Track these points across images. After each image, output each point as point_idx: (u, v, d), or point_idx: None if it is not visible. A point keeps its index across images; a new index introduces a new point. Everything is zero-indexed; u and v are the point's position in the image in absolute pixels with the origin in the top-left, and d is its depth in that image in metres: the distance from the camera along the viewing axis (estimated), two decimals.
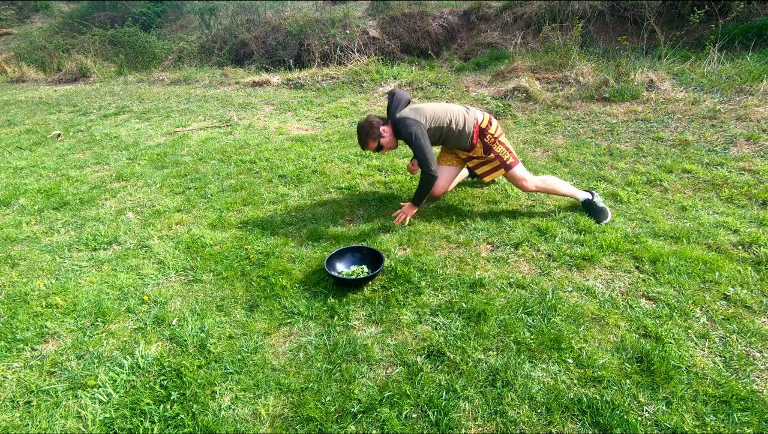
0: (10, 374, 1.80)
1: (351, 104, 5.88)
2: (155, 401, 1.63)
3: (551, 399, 1.56)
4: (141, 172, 3.93)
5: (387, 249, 2.52)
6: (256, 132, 4.96)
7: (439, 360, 1.76)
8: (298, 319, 2.01)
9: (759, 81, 4.70)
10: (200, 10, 11.85)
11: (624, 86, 5.00)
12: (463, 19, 9.80)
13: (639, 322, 1.90)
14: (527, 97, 5.33)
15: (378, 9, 10.17)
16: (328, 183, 3.45)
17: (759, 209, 2.73)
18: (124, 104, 6.92)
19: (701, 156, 3.50)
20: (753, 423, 1.46)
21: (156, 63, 10.90)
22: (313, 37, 9.52)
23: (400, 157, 3.91)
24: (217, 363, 1.79)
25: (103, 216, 3.14)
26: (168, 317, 2.07)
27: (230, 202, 3.20)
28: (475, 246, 2.52)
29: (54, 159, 4.49)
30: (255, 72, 8.72)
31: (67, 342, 1.95)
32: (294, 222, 2.90)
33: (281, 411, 1.58)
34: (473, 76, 6.93)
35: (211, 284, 2.31)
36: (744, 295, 2.02)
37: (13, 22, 15.53)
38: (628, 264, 2.29)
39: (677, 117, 4.33)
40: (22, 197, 3.55)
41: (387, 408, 1.56)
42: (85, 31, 12.73)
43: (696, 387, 1.59)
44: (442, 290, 2.17)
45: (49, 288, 2.34)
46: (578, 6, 8.20)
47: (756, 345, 1.77)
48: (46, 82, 10.32)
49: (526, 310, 1.99)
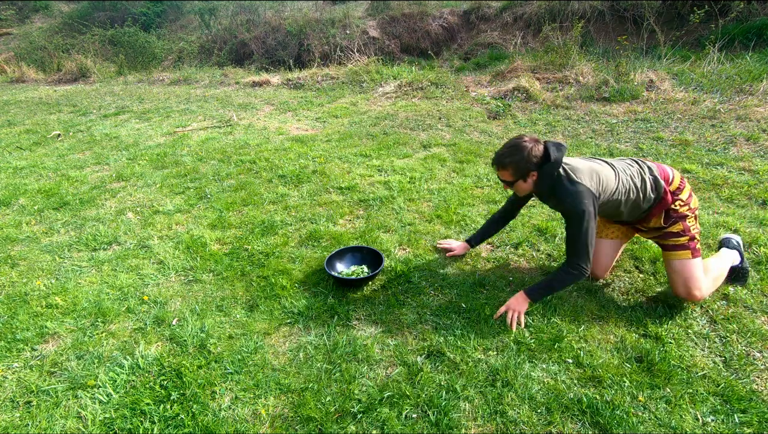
0: (10, 374, 1.80)
1: (351, 104, 5.88)
2: (155, 401, 1.63)
3: (551, 399, 1.56)
4: (141, 172, 3.93)
5: (387, 249, 2.52)
6: (256, 132, 4.96)
7: (439, 360, 1.76)
8: (298, 319, 2.01)
9: (759, 81, 4.70)
10: (200, 10, 11.85)
11: (624, 86, 5.00)
12: (463, 19, 9.80)
13: (639, 322, 1.90)
14: (527, 97, 5.34)
15: (378, 9, 10.17)
16: (328, 183, 3.45)
17: (759, 209, 2.73)
18: (124, 104, 6.92)
19: (701, 156, 3.50)
20: (753, 423, 1.46)
21: (156, 63, 10.89)
22: (313, 37, 9.53)
23: (400, 157, 3.91)
24: (217, 363, 1.79)
25: (103, 216, 3.14)
26: (168, 317, 2.07)
27: (230, 202, 3.20)
28: (484, 249, 2.52)
29: (54, 159, 4.48)
30: (255, 72, 8.72)
31: (67, 342, 1.95)
32: (294, 222, 2.90)
33: (281, 411, 1.58)
34: (473, 76, 6.93)
35: (211, 284, 2.31)
36: (744, 295, 2.02)
37: (13, 22, 15.52)
38: (628, 264, 2.29)
39: (677, 117, 4.33)
40: (22, 197, 3.55)
41: (387, 408, 1.56)
42: (85, 31, 12.72)
43: (696, 387, 1.59)
44: (442, 290, 2.17)
45: (49, 288, 2.34)
46: (578, 6, 8.20)
47: (756, 345, 1.77)
48: (46, 82, 10.32)
49: (526, 310, 1.99)
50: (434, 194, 3.16)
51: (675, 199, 1.89)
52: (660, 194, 1.88)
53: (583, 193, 1.78)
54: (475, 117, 4.93)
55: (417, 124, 4.82)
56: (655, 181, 1.89)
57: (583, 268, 1.83)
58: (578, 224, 1.79)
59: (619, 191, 1.86)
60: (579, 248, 1.81)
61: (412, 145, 4.17)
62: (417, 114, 5.16)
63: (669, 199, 1.88)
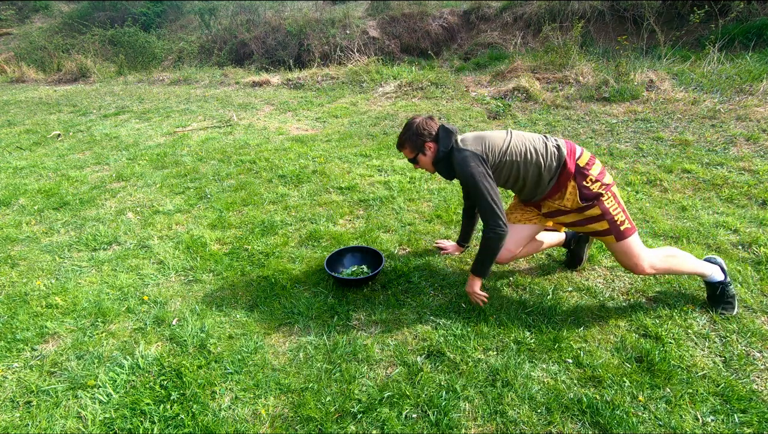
0: (10, 374, 1.80)
1: (351, 104, 5.88)
2: (155, 401, 1.63)
3: (551, 399, 1.56)
4: (141, 172, 3.93)
5: (387, 249, 2.52)
6: (256, 132, 4.96)
7: (439, 360, 1.76)
8: (298, 319, 2.01)
9: (759, 81, 4.70)
10: (200, 10, 11.85)
11: (624, 86, 5.00)
12: (463, 19, 9.80)
13: (639, 322, 1.90)
14: (527, 97, 5.34)
15: (378, 9, 10.17)
16: (328, 183, 3.45)
17: (759, 209, 2.73)
18: (124, 104, 6.92)
19: (701, 156, 3.50)
20: (753, 423, 1.46)
21: (156, 63, 10.89)
22: (313, 37, 9.53)
23: (400, 157, 3.91)
24: (217, 363, 1.79)
25: (103, 216, 3.14)
26: (168, 317, 2.07)
27: (230, 202, 3.20)
28: (475, 246, 2.52)
29: (54, 159, 4.48)
30: (255, 72, 8.72)
31: (67, 342, 1.95)
32: (294, 222, 2.90)
33: (281, 411, 1.58)
34: (473, 76, 6.93)
35: (211, 284, 2.31)
36: (744, 295, 2.02)
37: (13, 22, 15.52)
38: None
39: (677, 117, 4.33)
40: (22, 197, 3.55)
41: (387, 408, 1.56)
42: (85, 31, 12.73)
43: (696, 387, 1.59)
44: (442, 290, 2.17)
45: (49, 288, 2.34)
46: (578, 6, 8.20)
47: (756, 345, 1.77)
48: (46, 82, 10.32)
49: (526, 310, 1.99)
50: (434, 194, 3.16)
51: (585, 174, 1.83)
52: (561, 162, 1.85)
53: (469, 156, 1.86)
54: (475, 117, 4.93)
55: None
56: (558, 150, 1.88)
57: (497, 226, 1.83)
58: (474, 186, 1.84)
59: (512, 152, 1.88)
60: (485, 209, 1.84)
61: None
62: (417, 114, 5.16)
63: (571, 168, 1.84)
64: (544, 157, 1.87)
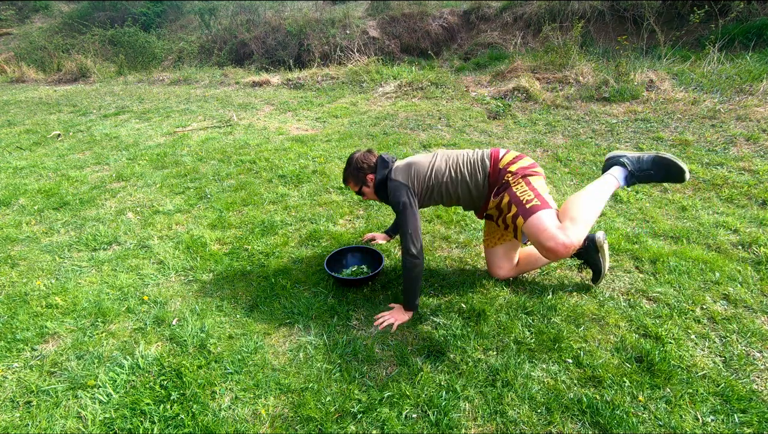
0: (10, 374, 1.80)
1: (351, 104, 5.88)
2: (155, 401, 1.63)
3: (551, 399, 1.56)
4: (141, 172, 3.93)
5: (387, 249, 2.52)
6: (256, 132, 4.96)
7: (439, 360, 1.76)
8: (298, 319, 2.01)
9: (759, 81, 4.70)
10: (200, 10, 11.85)
11: (624, 86, 5.00)
12: (463, 19, 9.80)
13: (639, 322, 1.90)
14: (527, 97, 5.34)
15: (378, 9, 10.17)
16: (328, 183, 3.45)
17: (759, 209, 2.73)
18: (124, 104, 6.92)
19: (701, 156, 3.50)
20: (753, 423, 1.46)
21: (156, 63, 10.90)
22: (313, 37, 9.53)
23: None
24: (217, 363, 1.79)
25: (103, 216, 3.14)
26: (168, 317, 2.07)
27: (230, 202, 3.20)
28: (475, 246, 2.52)
29: (54, 159, 4.48)
30: (255, 72, 8.72)
31: (67, 342, 1.95)
32: (294, 222, 2.90)
33: (281, 411, 1.58)
34: (473, 76, 6.93)
35: (211, 284, 2.31)
36: (744, 295, 2.02)
37: (13, 22, 15.52)
38: (628, 264, 2.29)
39: (677, 117, 4.33)
40: (22, 197, 3.55)
41: (387, 408, 1.56)
42: (85, 31, 12.73)
43: (696, 387, 1.59)
44: (442, 290, 2.17)
45: (49, 288, 2.34)
46: (578, 6, 8.19)
47: (756, 345, 1.77)
48: (46, 82, 10.32)
49: (526, 310, 1.99)
50: None
51: (504, 172, 1.93)
52: (487, 173, 1.97)
53: (397, 187, 1.99)
54: (475, 117, 4.93)
55: (417, 124, 4.82)
56: (482, 162, 1.99)
57: (411, 256, 1.90)
58: (398, 213, 1.98)
59: (436, 175, 2.00)
60: (404, 238, 1.93)
61: (412, 145, 4.17)
62: (417, 114, 5.16)
63: (494, 174, 1.96)
64: (470, 172, 1.99)
